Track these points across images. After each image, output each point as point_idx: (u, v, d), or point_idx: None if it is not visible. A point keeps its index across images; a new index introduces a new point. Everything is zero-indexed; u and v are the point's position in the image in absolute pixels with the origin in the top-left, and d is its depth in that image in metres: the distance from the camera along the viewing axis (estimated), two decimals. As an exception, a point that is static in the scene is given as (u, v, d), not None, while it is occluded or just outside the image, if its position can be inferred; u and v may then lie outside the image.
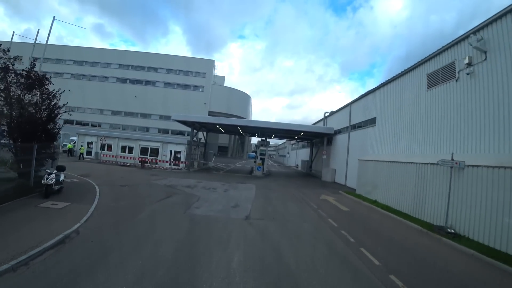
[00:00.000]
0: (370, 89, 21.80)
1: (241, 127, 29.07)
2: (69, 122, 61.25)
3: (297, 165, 48.65)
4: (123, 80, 60.16)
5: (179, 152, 28.49)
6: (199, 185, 18.36)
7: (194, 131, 31.34)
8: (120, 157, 29.07)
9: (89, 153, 31.95)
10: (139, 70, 60.03)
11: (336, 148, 28.42)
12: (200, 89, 59.56)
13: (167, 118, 58.45)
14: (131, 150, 30.22)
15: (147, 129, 58.80)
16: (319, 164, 34.27)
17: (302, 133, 30.44)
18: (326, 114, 32.79)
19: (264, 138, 31.09)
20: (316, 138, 34.95)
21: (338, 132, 28.41)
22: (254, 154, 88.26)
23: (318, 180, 28.90)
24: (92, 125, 59.62)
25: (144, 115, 59.31)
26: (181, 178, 21.52)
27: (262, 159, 30.17)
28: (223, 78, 71.81)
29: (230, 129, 33.55)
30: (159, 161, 28.12)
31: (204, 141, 35.74)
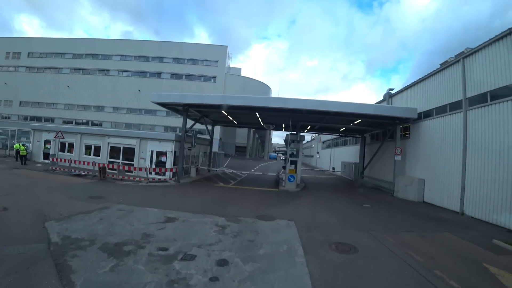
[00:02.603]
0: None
1: (261, 111, 17.19)
2: (69, 122, 52.29)
3: (333, 168, 36.20)
4: (125, 73, 49.99)
5: (164, 154, 17.11)
6: (157, 238, 6.69)
7: (191, 121, 19.99)
8: (76, 161, 17.98)
9: (46, 156, 21.30)
10: (143, 61, 49.64)
11: (424, 143, 16.05)
12: (212, 80, 48.38)
13: (175, 114, 47.83)
14: (98, 150, 19.21)
15: (152, 128, 48.32)
16: (378, 168, 21.92)
17: (359, 120, 18.22)
18: (392, 92, 20.45)
19: (295, 132, 19.31)
20: (374, 129, 22.50)
21: (425, 115, 16.10)
22: (276, 154, 76.55)
23: (389, 197, 16.67)
24: (93, 124, 49.88)
25: (148, 112, 48.75)
26: (140, 206, 9.91)
27: (295, 164, 18.31)
28: (239, 69, 60.40)
29: (245, 118, 21.85)
30: (134, 168, 16.83)
31: (210, 138, 24.23)
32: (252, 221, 9.10)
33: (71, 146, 20.21)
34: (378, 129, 21.76)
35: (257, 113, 18.38)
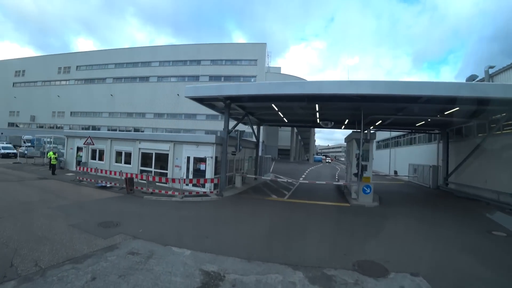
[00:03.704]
0: None
1: (324, 101, 12.86)
2: (113, 129, 52.23)
3: (395, 172, 30.47)
4: (164, 78, 48.74)
5: (203, 161, 13.62)
6: None
7: (237, 118, 16.46)
8: (102, 171, 15.24)
9: (79, 164, 19.16)
10: (181, 65, 48.03)
11: None
12: (252, 79, 45.04)
13: (215, 117, 45.37)
14: (128, 157, 16.43)
15: (192, 132, 46.22)
16: (473, 173, 16.44)
17: (457, 108, 13.11)
18: (492, 71, 15.03)
19: (359, 130, 14.77)
20: (466, 121, 16.97)
21: None
22: (321, 157, 71.03)
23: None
24: (135, 131, 49.21)
25: (188, 116, 46.91)
26: (165, 243, 6.12)
27: (365, 169, 13.84)
28: (279, 69, 56.47)
29: (299, 115, 17.84)
30: (166, 180, 13.52)
31: (255, 139, 20.47)
32: (353, 280, 4.97)
33: (102, 153, 17.79)
34: (472, 121, 16.25)
35: (316, 106, 14.22)
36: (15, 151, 28.19)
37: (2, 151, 29.32)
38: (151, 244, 6.20)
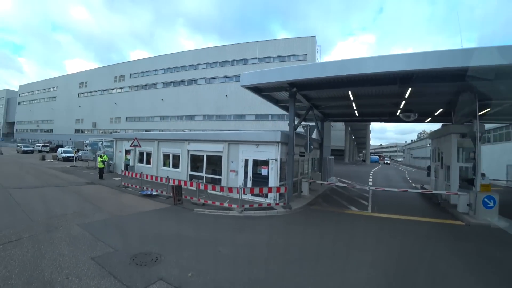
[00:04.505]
0: None
1: (425, 81, 9.03)
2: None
3: (483, 174, 24.62)
4: (213, 80, 47.73)
5: (265, 164, 10.80)
6: None
7: (298, 115, 13.50)
8: (147, 176, 13.25)
9: (127, 167, 17.81)
10: (228, 66, 46.39)
11: None
12: (302, 76, 41.69)
13: (265, 117, 42.92)
14: (177, 160, 14.34)
15: (240, 134, 44.28)
16: None
17: None
18: None
19: (477, 120, 10.82)
20: None
21: None
22: (377, 157, 64.70)
23: None
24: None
25: (237, 117, 45.02)
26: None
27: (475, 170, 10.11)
28: (329, 64, 52.30)
29: (374, 106, 14.32)
30: (221, 189, 10.96)
31: (320, 139, 17.18)
32: None
33: (149, 156, 16.10)
34: None
35: (408, 90, 10.54)
36: (73, 154, 28.74)
37: (63, 154, 30.47)
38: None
